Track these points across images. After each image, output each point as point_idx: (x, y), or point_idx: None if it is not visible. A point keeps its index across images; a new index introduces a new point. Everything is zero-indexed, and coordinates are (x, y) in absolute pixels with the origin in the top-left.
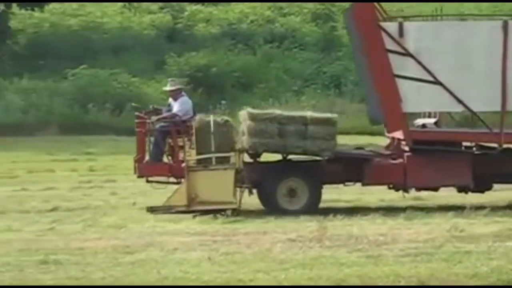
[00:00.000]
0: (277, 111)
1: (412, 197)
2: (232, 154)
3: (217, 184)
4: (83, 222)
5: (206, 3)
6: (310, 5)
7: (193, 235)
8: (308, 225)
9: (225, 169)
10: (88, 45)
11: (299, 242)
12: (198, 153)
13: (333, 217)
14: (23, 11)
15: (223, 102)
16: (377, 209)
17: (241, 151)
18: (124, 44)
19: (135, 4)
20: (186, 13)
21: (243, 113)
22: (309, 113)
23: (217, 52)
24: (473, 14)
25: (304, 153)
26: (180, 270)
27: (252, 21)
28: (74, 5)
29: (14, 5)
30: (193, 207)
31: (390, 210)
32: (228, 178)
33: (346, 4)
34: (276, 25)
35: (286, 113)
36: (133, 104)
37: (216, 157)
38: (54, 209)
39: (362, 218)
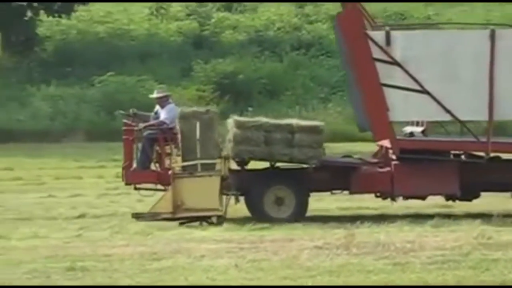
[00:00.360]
0: (264, 119)
1: (439, 204)
2: (217, 161)
3: (202, 191)
4: (110, 228)
5: (233, 11)
6: (335, 11)
7: (220, 242)
8: (335, 232)
9: (210, 176)
10: (115, 52)
11: (326, 249)
12: (184, 160)
13: (360, 224)
14: (50, 18)
15: (250, 109)
16: (404, 217)
17: (226, 158)
18: (151, 51)
19: (162, 11)
20: (213, 20)
21: (230, 121)
22: (295, 121)
23: (243, 59)
24: (460, 22)
25: (291, 161)
26: (207, 277)
27: (279, 28)
28: (101, 12)
29: (41, 12)
30: (179, 214)
31: (417, 218)
32: (213, 185)
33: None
34: (303, 32)
35: (273, 121)
36: (120, 111)
37: (202, 164)
38: (81, 216)
39: (389, 226)
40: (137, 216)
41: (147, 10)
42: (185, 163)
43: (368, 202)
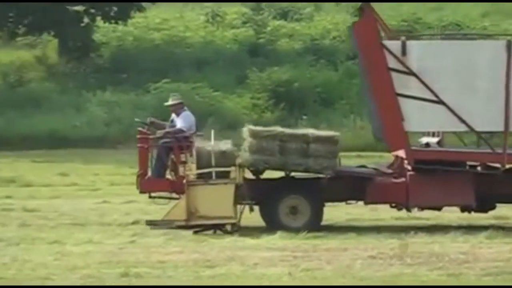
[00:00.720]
0: (279, 129)
1: (493, 216)
2: (232, 169)
3: (217, 199)
4: (164, 235)
5: (288, 19)
6: (393, 21)
7: (273, 250)
8: (389, 242)
9: (225, 184)
10: (171, 59)
11: (379, 259)
12: (199, 168)
13: (414, 235)
14: (107, 24)
15: (305, 117)
16: (458, 227)
17: (241, 166)
18: (207, 58)
19: (218, 18)
20: (269, 28)
21: (245, 130)
22: (310, 131)
23: (299, 68)
24: (477, 33)
25: (306, 171)
26: (261, 285)
27: (334, 37)
28: (158, 19)
29: (98, 18)
30: (193, 222)
31: (471, 229)
32: (228, 193)
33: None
34: None
35: (288, 130)
36: (136, 119)
37: (216, 172)
38: (135, 222)
39: (443, 236)
40: (151, 224)
41: (203, 17)
42: (200, 171)
43: (422, 212)
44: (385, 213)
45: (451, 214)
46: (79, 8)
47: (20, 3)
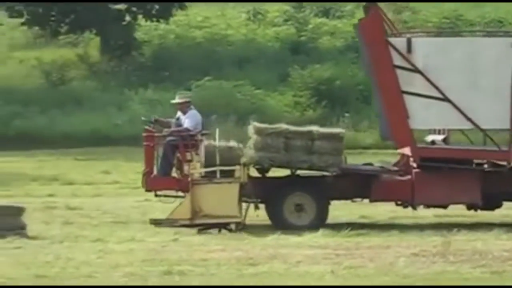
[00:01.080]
0: (284, 126)
1: None
2: (237, 167)
3: (221, 197)
4: (206, 233)
5: (330, 17)
6: (435, 18)
7: (316, 248)
8: (432, 240)
9: (229, 182)
10: (213, 57)
11: (422, 256)
12: (207, 166)
13: (456, 232)
14: (148, 22)
15: (347, 114)
16: (501, 225)
17: (246, 164)
18: (249, 56)
19: (259, 16)
20: (310, 26)
21: (251, 127)
22: (315, 128)
23: (340, 65)
24: (483, 30)
25: (310, 168)
26: (303, 283)
27: None
28: (199, 17)
29: (140, 16)
30: (197, 221)
31: None
32: (232, 191)
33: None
34: None
35: (293, 127)
36: (142, 118)
37: (221, 171)
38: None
39: (486, 233)
40: (155, 222)
41: (244, 15)
42: (204, 169)
43: (465, 210)
44: (427, 211)
45: (494, 212)
46: (121, 6)
47: (63, 2)
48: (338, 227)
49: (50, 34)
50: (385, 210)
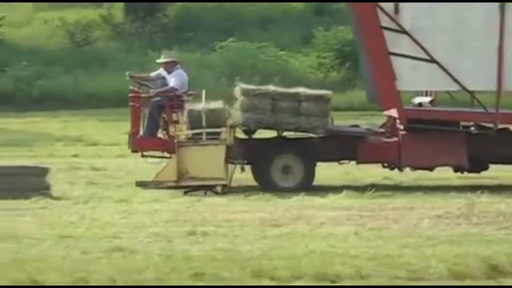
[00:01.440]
0: (271, 87)
1: None
2: (223, 129)
3: (207, 159)
4: (230, 194)
5: None
6: None
7: (340, 209)
8: (455, 202)
9: (215, 144)
10: (237, 18)
11: (446, 218)
12: (191, 128)
13: (480, 194)
14: None
15: None
16: None
17: (232, 126)
18: (272, 17)
19: None
20: None
21: (237, 89)
22: (302, 90)
23: None
24: None
25: (297, 130)
26: (327, 244)
27: None
28: None
29: None
30: (183, 183)
31: None
32: (218, 154)
33: None
34: None
35: (280, 89)
36: (127, 73)
37: (207, 133)
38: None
39: (510, 196)
40: (141, 184)
41: None
42: (190, 131)
43: (489, 172)
44: (450, 173)
45: None
46: None
47: None
48: (361, 189)
49: None
50: (409, 172)
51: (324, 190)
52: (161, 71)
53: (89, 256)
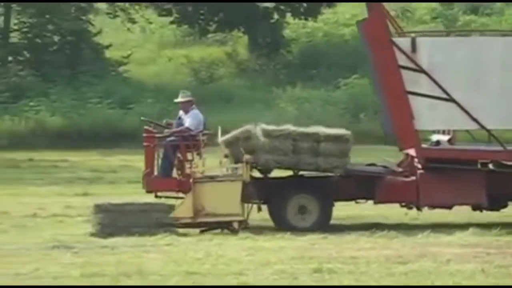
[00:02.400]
0: (291, 127)
1: None
2: (239, 165)
3: (223, 196)
4: (356, 231)
5: (479, 14)
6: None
7: (466, 246)
8: None
9: (232, 181)
10: (361, 55)
11: None
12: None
13: None
14: (296, 20)
15: None
16: None
17: (248, 162)
18: None
19: (408, 14)
20: (459, 23)
21: (250, 128)
22: (321, 130)
23: None
24: (488, 30)
25: (316, 170)
26: (454, 282)
27: None
28: (347, 14)
29: (288, 14)
30: (199, 220)
31: None
32: (235, 190)
33: None
34: None
35: (300, 129)
36: (142, 118)
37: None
38: None
39: None
40: (157, 222)
41: (393, 12)
42: (205, 168)
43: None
44: None
45: None
46: (269, 4)
47: (212, 1)
48: (488, 226)
49: (199, 33)
50: None
51: (450, 227)
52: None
53: None
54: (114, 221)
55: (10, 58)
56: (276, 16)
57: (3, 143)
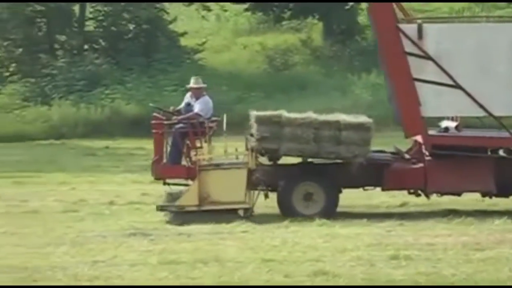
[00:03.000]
0: (313, 115)
1: None
2: (245, 152)
3: (229, 183)
4: (433, 218)
5: None
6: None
7: None
8: None
9: (237, 168)
10: None
11: None
12: None
13: None
14: None
15: None
16: None
17: (253, 150)
18: None
19: None
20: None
21: (282, 114)
22: (342, 117)
23: None
24: (496, 16)
25: (337, 158)
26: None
27: None
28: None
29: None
30: (205, 207)
31: None
32: (240, 177)
33: None
34: None
35: (321, 117)
36: (151, 104)
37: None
38: (403, 205)
39: None
40: (162, 209)
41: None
42: (210, 155)
43: None
44: None
45: None
46: None
47: None
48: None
49: (274, 20)
50: None
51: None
52: (188, 96)
53: (292, 280)
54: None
55: (86, 47)
56: (351, 2)
57: (80, 131)
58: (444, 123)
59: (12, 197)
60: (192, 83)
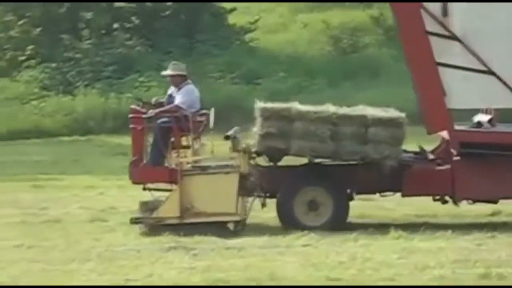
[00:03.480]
0: (331, 109)
1: None
2: (235, 154)
3: (216, 191)
4: None
5: None
6: None
7: None
8: None
9: (226, 173)
10: None
11: None
12: None
13: None
14: None
15: None
16: None
17: (245, 151)
18: None
19: None
20: None
21: (293, 107)
22: (369, 112)
23: None
24: None
25: (362, 160)
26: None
27: None
28: None
29: None
30: (187, 220)
31: None
32: (230, 184)
33: None
34: None
35: (341, 110)
36: (137, 97)
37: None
38: (494, 214)
39: None
40: (136, 221)
41: None
42: (196, 158)
43: None
44: None
45: None
46: None
47: None
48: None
49: None
50: None
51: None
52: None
53: None
54: None
55: (115, 25)
56: None
57: (108, 126)
58: (477, 117)
59: (29, 204)
60: (169, 70)
